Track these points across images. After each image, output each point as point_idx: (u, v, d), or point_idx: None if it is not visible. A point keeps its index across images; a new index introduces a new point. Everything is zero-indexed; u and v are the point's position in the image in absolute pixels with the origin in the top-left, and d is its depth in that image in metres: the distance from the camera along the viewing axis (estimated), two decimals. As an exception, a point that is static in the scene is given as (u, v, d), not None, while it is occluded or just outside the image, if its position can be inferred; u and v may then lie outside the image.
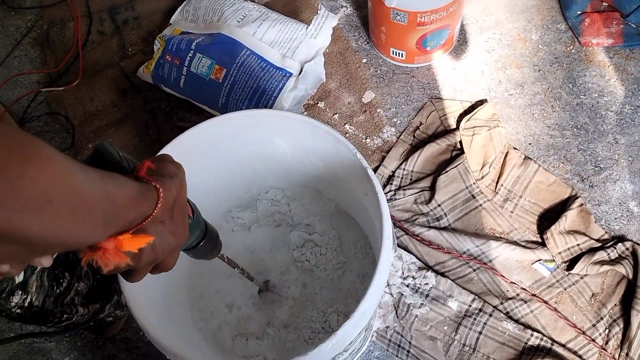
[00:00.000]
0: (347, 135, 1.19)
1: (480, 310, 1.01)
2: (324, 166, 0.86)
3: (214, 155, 0.87)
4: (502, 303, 1.02)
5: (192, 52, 1.13)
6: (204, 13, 1.20)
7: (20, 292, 0.72)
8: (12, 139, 0.32)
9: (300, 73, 1.13)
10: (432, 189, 1.11)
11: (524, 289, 1.03)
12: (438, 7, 1.08)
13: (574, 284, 1.02)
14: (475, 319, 1.00)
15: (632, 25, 1.22)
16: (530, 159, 1.13)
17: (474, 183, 1.10)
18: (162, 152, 0.80)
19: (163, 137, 1.22)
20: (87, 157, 0.48)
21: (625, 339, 0.97)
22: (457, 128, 1.15)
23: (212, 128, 0.81)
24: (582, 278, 1.03)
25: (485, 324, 1.00)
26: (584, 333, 0.99)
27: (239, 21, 1.16)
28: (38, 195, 0.32)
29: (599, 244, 1.04)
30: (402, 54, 1.21)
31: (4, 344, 0.93)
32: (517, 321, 1.00)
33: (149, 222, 0.45)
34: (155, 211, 0.45)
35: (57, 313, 0.79)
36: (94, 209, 0.37)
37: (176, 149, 0.80)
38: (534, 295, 1.02)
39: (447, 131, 1.17)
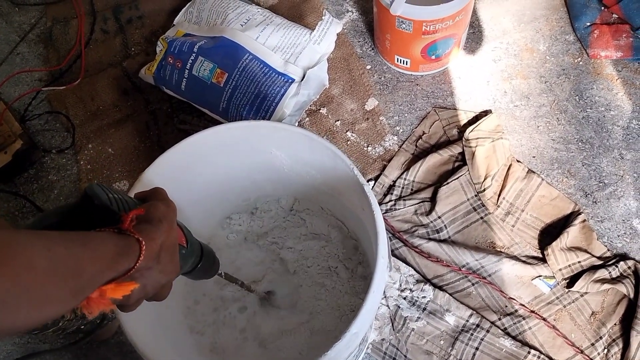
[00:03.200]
0: (348, 142, 1.18)
1: (478, 325, 1.00)
2: (322, 178, 0.85)
3: (213, 164, 0.86)
4: (500, 319, 1.01)
5: (194, 54, 1.12)
6: (207, 15, 1.19)
7: None
8: None
9: (302, 79, 1.12)
10: (433, 200, 1.09)
11: (523, 305, 1.01)
12: (444, 16, 1.06)
13: (573, 302, 1.01)
14: (472, 334, 0.99)
15: (641, 38, 1.20)
16: (534, 172, 1.11)
17: (476, 195, 1.09)
18: (159, 159, 0.79)
19: (163, 139, 1.21)
20: (77, 201, 0.48)
21: (624, 359, 0.96)
22: (460, 138, 1.14)
23: (211, 137, 0.80)
24: (582, 296, 1.01)
25: (482, 339, 0.99)
26: (582, 352, 0.97)
27: (242, 25, 1.14)
28: None
29: (601, 262, 1.03)
30: (406, 62, 1.20)
31: None
32: (514, 338, 0.99)
33: (133, 272, 0.45)
34: (137, 264, 0.45)
35: None
36: (60, 289, 0.37)
37: (175, 156, 0.79)
38: (532, 311, 1.01)
39: (450, 141, 1.16)
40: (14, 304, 0.34)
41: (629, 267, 1.01)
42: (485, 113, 1.17)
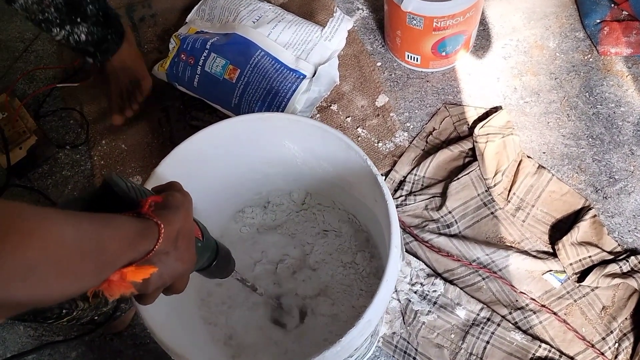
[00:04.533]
0: (359, 138, 1.18)
1: (489, 319, 1.00)
2: (334, 171, 0.86)
3: (225, 157, 0.87)
4: (510, 313, 1.01)
5: (206, 51, 1.13)
6: (219, 13, 1.20)
7: None
8: None
9: (313, 75, 1.13)
10: (444, 195, 1.10)
11: (534, 300, 1.02)
12: (455, 12, 1.07)
13: (584, 296, 1.01)
14: (483, 328, 0.99)
15: (652, 34, 1.20)
16: (544, 168, 1.12)
17: (486, 191, 1.10)
18: (172, 153, 0.80)
19: (176, 135, 1.23)
20: (97, 189, 0.49)
21: (635, 353, 0.96)
22: (471, 134, 1.14)
23: (224, 130, 0.81)
24: (592, 290, 1.01)
25: (493, 333, 0.99)
26: (593, 346, 0.98)
27: (254, 22, 1.16)
28: (19, 265, 0.33)
29: (611, 257, 1.03)
30: (417, 59, 1.20)
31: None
32: (525, 332, 0.99)
33: (152, 256, 0.46)
34: (156, 247, 0.46)
35: (55, 309, 0.80)
36: (84, 265, 0.39)
37: (188, 149, 0.80)
38: (543, 306, 1.01)
39: (460, 137, 1.16)
40: (44, 273, 0.35)
41: (640, 262, 1.01)
42: (496, 109, 1.18)
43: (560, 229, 1.07)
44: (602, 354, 0.97)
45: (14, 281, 0.33)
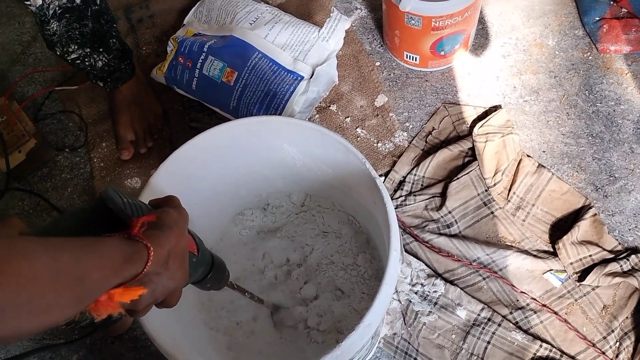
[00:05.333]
0: (358, 139, 1.18)
1: (489, 319, 1.00)
2: (334, 173, 0.86)
3: (224, 160, 0.87)
4: (511, 313, 1.01)
5: (204, 54, 1.13)
6: (217, 14, 1.20)
7: None
8: None
9: (312, 76, 1.12)
10: (443, 195, 1.10)
11: (534, 299, 1.02)
12: (453, 12, 1.07)
13: (585, 295, 1.01)
14: (483, 328, 0.99)
15: (651, 32, 1.19)
16: (544, 167, 1.12)
17: (486, 190, 1.09)
18: (172, 156, 0.80)
19: (175, 137, 1.22)
20: (93, 204, 0.49)
21: (636, 352, 0.96)
22: (470, 134, 1.14)
23: (223, 133, 0.81)
24: (593, 289, 1.01)
25: (493, 333, 0.99)
26: (594, 345, 0.98)
27: (251, 23, 1.15)
28: None
29: (612, 255, 1.03)
30: (416, 58, 1.20)
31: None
32: (526, 331, 0.99)
33: (142, 277, 0.45)
34: (145, 270, 0.45)
35: None
36: (61, 301, 0.37)
37: (186, 153, 0.80)
38: (544, 305, 1.01)
39: (459, 137, 1.16)
40: (14, 313, 0.34)
41: (641, 261, 1.01)
42: (495, 108, 1.17)
43: (560, 228, 1.06)
44: (603, 353, 0.97)
45: None
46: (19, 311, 0.34)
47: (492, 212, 1.09)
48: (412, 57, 1.20)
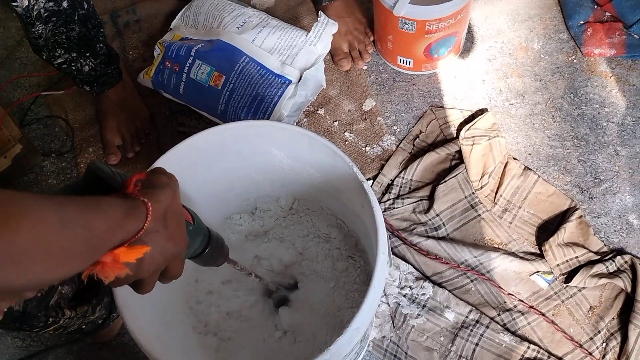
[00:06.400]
0: (346, 143, 1.19)
1: (477, 321, 1.00)
2: (322, 177, 0.86)
3: (212, 164, 0.87)
4: (499, 314, 1.02)
5: (191, 58, 1.13)
6: (204, 19, 1.20)
7: None
8: None
9: (299, 80, 1.13)
10: (431, 198, 1.10)
11: (522, 301, 1.02)
12: (446, 15, 1.07)
13: (571, 297, 1.02)
14: (472, 330, 1.00)
15: (635, 36, 1.21)
16: (530, 169, 1.13)
17: (473, 193, 1.10)
18: (159, 160, 0.80)
19: (162, 141, 1.22)
20: (82, 177, 0.49)
21: (623, 353, 0.97)
22: (457, 137, 1.15)
23: (210, 137, 0.81)
24: (580, 291, 1.02)
25: (481, 335, 1.00)
26: (581, 346, 0.98)
27: (238, 27, 1.15)
28: (9, 251, 0.34)
29: (598, 257, 1.04)
30: (409, 62, 1.20)
31: None
32: (514, 333, 1.00)
33: (142, 235, 0.46)
34: (145, 225, 0.46)
35: (41, 317, 0.79)
36: (73, 248, 0.39)
37: (174, 157, 0.80)
38: (531, 307, 1.02)
39: (447, 140, 1.17)
40: (32, 258, 0.35)
41: (626, 262, 1.02)
42: (481, 111, 1.18)
43: (546, 230, 1.07)
44: (590, 354, 0.98)
45: (5, 266, 0.34)
46: (37, 255, 0.36)
47: (479, 215, 1.09)
48: (406, 61, 1.20)
